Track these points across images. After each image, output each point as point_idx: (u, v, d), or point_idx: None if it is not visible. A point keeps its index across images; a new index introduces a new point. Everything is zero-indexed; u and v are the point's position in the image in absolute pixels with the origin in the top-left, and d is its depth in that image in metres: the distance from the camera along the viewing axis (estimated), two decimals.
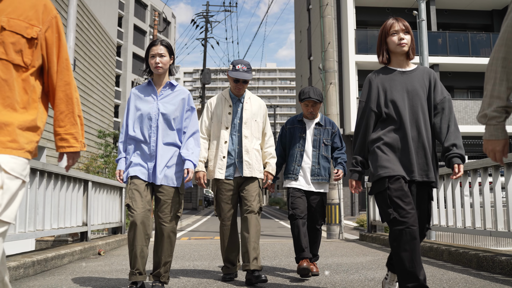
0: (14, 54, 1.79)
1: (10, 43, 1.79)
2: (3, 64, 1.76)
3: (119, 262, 4.63)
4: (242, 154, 3.48)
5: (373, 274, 3.73)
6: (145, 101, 3.09)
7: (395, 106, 2.52)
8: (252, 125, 3.55)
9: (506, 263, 3.63)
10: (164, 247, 3.04)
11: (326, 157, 3.87)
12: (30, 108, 1.84)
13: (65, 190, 4.96)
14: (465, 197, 4.74)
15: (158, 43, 3.08)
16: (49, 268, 4.08)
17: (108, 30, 17.22)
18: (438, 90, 2.58)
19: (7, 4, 1.80)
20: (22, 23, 1.82)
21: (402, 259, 2.30)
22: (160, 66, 3.04)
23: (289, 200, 3.79)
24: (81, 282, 3.44)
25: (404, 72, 2.60)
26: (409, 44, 2.59)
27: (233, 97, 3.60)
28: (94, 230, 6.20)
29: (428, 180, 2.47)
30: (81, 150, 1.99)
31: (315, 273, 3.74)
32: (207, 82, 28.52)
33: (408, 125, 2.49)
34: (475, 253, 4.10)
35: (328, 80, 9.58)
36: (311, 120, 3.92)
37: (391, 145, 2.49)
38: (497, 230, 4.17)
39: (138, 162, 3.01)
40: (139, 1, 39.00)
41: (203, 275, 3.81)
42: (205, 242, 7.30)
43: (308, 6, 23.20)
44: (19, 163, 1.72)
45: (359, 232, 8.60)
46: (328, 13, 9.80)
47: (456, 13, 20.36)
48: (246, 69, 3.51)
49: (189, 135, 3.12)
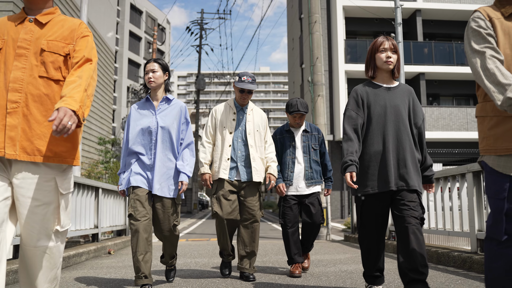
0: (54, 71, 2.03)
1: (50, 62, 2.02)
2: (44, 81, 2.00)
3: (129, 260, 5.29)
4: (249, 161, 3.73)
5: (346, 267, 4.42)
6: (144, 116, 3.29)
7: (377, 120, 2.70)
8: (255, 135, 3.82)
9: (458, 257, 4.35)
10: (169, 248, 3.47)
11: (316, 161, 4.15)
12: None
13: (80, 196, 5.62)
14: (429, 202, 5.46)
15: (152, 61, 3.33)
16: (71, 264, 4.74)
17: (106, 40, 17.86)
18: (417, 110, 2.78)
19: (48, 29, 2.07)
20: (59, 43, 2.05)
21: (366, 258, 2.91)
22: (152, 80, 3.26)
23: (281, 209, 4.10)
24: (102, 274, 4.11)
25: (388, 88, 2.79)
26: (394, 63, 2.77)
27: (237, 106, 3.87)
28: (103, 232, 6.85)
29: (411, 189, 2.65)
30: (78, 114, 1.83)
31: (306, 268, 4.17)
32: (202, 88, 29.18)
33: (390, 138, 2.67)
34: (435, 250, 4.81)
35: (317, 92, 10.29)
36: (298, 128, 4.21)
37: (371, 158, 2.70)
38: (454, 230, 4.90)
39: (139, 171, 3.19)
40: (135, 8, 39.59)
41: (205, 268, 4.47)
42: (203, 243, 7.96)
43: (300, 15, 23.92)
44: (65, 174, 2.05)
45: (344, 234, 9.30)
46: (316, 29, 10.51)
47: (442, 24, 21.19)
48: (251, 80, 3.78)
49: (185, 146, 3.34)
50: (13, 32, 2.02)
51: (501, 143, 1.85)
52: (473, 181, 4.44)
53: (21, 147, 1.93)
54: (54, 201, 1.98)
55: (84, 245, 5.73)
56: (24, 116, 1.95)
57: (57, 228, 1.99)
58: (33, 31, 2.03)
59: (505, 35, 1.90)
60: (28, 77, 1.97)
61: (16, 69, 1.97)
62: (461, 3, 20.08)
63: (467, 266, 4.18)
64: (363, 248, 2.91)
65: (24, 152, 1.93)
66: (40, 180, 1.95)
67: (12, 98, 1.94)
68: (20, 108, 1.95)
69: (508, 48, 1.88)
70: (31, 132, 1.94)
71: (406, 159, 2.65)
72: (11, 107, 1.93)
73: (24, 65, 1.98)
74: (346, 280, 3.64)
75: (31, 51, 2.00)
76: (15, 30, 2.02)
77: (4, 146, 1.92)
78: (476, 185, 4.43)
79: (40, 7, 2.08)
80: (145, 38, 41.57)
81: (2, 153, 1.92)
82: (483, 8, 1.97)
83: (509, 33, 1.89)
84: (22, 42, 2.00)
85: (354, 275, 3.90)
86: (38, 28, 2.04)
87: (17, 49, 1.99)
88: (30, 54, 2.00)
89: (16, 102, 1.94)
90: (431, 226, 5.47)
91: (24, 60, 1.98)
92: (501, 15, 1.94)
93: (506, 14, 1.93)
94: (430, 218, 5.49)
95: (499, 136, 1.86)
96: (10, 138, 1.92)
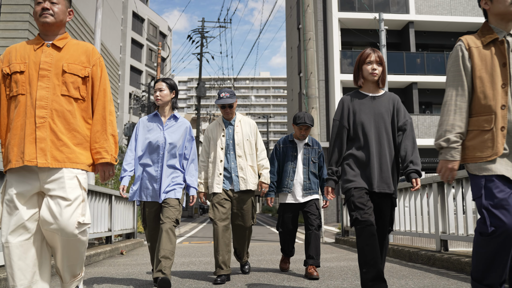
0: (74, 90, 2.32)
1: (70, 82, 2.31)
2: (66, 99, 2.30)
3: (141, 259, 6.01)
4: (237, 171, 3.99)
5: (330, 264, 5.14)
6: (152, 130, 3.60)
7: (362, 127, 2.87)
8: (245, 144, 4.04)
9: (424, 255, 5.08)
10: (163, 240, 3.38)
11: (314, 173, 4.39)
12: (86, 129, 2.37)
13: (97, 202, 6.34)
14: (405, 208, 6.19)
15: (160, 81, 3.66)
16: (91, 262, 5.47)
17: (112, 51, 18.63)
18: (401, 114, 2.93)
19: (65, 53, 2.36)
20: (78, 66, 2.35)
21: (364, 252, 2.69)
22: (159, 98, 3.60)
23: (280, 216, 4.41)
24: (120, 270, 4.83)
25: (374, 97, 2.94)
26: (379, 75, 2.93)
27: (225, 121, 4.12)
28: (115, 235, 7.57)
29: (389, 192, 2.82)
30: (111, 162, 2.29)
31: (315, 277, 3.99)
32: (203, 95, 29.93)
33: (373, 144, 2.84)
34: (408, 249, 5.54)
35: (311, 105, 11.04)
36: (301, 141, 4.45)
37: (357, 161, 2.86)
38: (423, 232, 5.63)
39: (147, 186, 3.54)
40: (137, 16, 40.41)
41: (208, 265, 5.19)
42: (205, 245, 8.68)
43: (298, 25, 24.64)
44: (85, 177, 2.32)
45: (335, 236, 10.02)
46: (310, 46, 11.25)
47: (434, 35, 21.96)
48: (229, 95, 4.00)
49: (190, 162, 3.70)
50: (33, 56, 2.30)
51: (476, 152, 2.19)
52: (438, 190, 5.17)
53: (51, 156, 2.22)
54: (80, 196, 2.26)
55: (100, 246, 6.46)
56: (51, 129, 2.24)
57: (80, 220, 2.22)
58: (52, 54, 2.31)
59: (482, 61, 2.21)
60: (52, 95, 2.26)
61: (41, 89, 2.25)
62: (452, 15, 20.87)
63: (431, 263, 4.91)
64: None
65: (55, 160, 2.22)
66: (66, 180, 2.24)
67: (39, 114, 2.23)
68: (47, 122, 2.23)
69: (484, 72, 2.20)
70: (59, 142, 2.25)
71: (387, 164, 2.83)
72: (39, 122, 2.22)
73: (48, 85, 2.26)
74: (325, 273, 4.36)
75: (52, 72, 2.28)
76: (35, 54, 2.31)
77: (36, 157, 2.19)
78: (440, 193, 5.16)
79: (55, 33, 2.38)
80: (147, 45, 42.36)
81: (34, 162, 2.19)
82: (466, 37, 2.28)
83: (486, 59, 2.20)
84: (44, 64, 2.28)
85: (333, 270, 4.62)
86: (56, 51, 2.34)
87: (40, 70, 2.27)
88: (52, 75, 2.28)
89: (43, 118, 2.23)
90: (406, 229, 6.20)
91: (47, 80, 2.27)
92: (481, 43, 2.24)
93: (484, 43, 2.23)
94: (405, 221, 6.22)
95: (475, 146, 2.19)
96: (41, 149, 2.21)
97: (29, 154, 2.19)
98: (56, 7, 2.34)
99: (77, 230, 2.22)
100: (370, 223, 2.69)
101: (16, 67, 2.28)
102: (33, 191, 2.24)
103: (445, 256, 4.65)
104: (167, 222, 3.44)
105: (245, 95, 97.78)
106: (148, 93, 32.65)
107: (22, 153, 2.20)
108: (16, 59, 2.31)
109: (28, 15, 10.56)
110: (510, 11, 2.18)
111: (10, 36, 10.41)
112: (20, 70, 2.27)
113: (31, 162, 2.19)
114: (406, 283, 3.71)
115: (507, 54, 2.17)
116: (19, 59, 2.30)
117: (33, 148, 2.20)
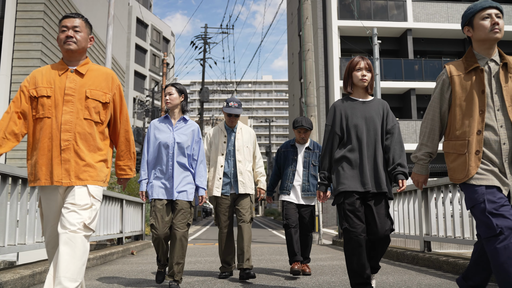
0: (95, 114, 2.46)
1: (92, 107, 2.45)
2: (88, 122, 2.44)
3: (150, 259, 6.54)
4: (237, 175, 4.22)
5: (323, 263, 5.65)
6: (162, 132, 3.76)
7: (355, 130, 2.96)
8: (244, 151, 4.28)
9: (409, 255, 5.59)
10: (176, 248, 3.62)
11: (314, 176, 4.53)
12: (104, 150, 2.51)
13: (110, 206, 6.87)
14: (394, 212, 6.70)
15: (170, 85, 3.84)
16: (106, 261, 6.00)
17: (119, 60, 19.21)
18: (390, 118, 3.03)
19: (87, 79, 2.48)
20: (99, 92, 2.48)
21: (351, 261, 2.82)
22: (169, 101, 3.78)
23: (283, 211, 4.52)
24: (134, 268, 5.35)
25: (364, 102, 3.04)
26: (368, 81, 3.02)
27: (227, 128, 4.34)
28: (126, 236, 8.10)
29: (382, 191, 2.88)
30: (132, 177, 2.73)
31: (308, 273, 4.40)
32: (206, 100, 30.48)
33: (365, 146, 2.93)
34: (395, 250, 6.05)
35: (309, 112, 11.56)
36: (302, 144, 4.63)
37: (350, 163, 2.93)
38: (410, 234, 6.14)
39: (159, 184, 3.68)
40: (141, 21, 41.04)
41: (213, 264, 5.71)
42: (209, 246, 9.20)
43: (299, 32, 25.21)
44: (99, 190, 2.46)
45: (332, 238, 10.53)
46: (309, 57, 11.78)
47: (432, 41, 22.46)
48: (237, 106, 4.23)
49: (199, 163, 3.84)
50: (58, 81, 2.43)
51: (456, 174, 2.34)
52: (422, 196, 5.68)
53: (75, 175, 2.38)
54: (88, 203, 2.38)
55: (112, 247, 6.99)
56: (75, 151, 2.38)
57: (85, 222, 2.32)
58: (76, 80, 2.44)
59: (462, 89, 2.32)
60: (76, 119, 2.40)
61: (66, 113, 2.38)
62: (450, 23, 21.37)
63: (415, 262, 5.42)
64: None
65: (78, 179, 2.39)
66: (76, 188, 2.39)
67: (64, 137, 2.37)
68: (71, 144, 2.38)
69: (463, 100, 2.32)
70: (82, 163, 2.40)
71: (380, 165, 2.92)
72: (64, 144, 2.36)
73: (72, 109, 2.39)
74: (317, 270, 4.87)
75: (76, 97, 2.41)
76: (60, 80, 2.43)
77: (61, 178, 2.37)
78: (424, 199, 5.67)
79: (78, 59, 2.52)
80: (150, 51, 42.98)
81: (60, 183, 2.36)
82: (450, 65, 2.41)
83: (466, 87, 2.31)
84: (68, 90, 2.40)
85: (325, 267, 5.13)
86: (79, 77, 2.46)
87: (65, 96, 2.39)
88: (75, 100, 2.41)
89: (68, 140, 2.37)
90: (395, 231, 6.70)
91: (71, 105, 2.40)
92: (464, 70, 2.35)
93: (466, 70, 2.34)
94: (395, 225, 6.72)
95: (455, 169, 2.34)
96: (66, 170, 2.37)
97: (57, 175, 2.38)
98: (78, 35, 2.47)
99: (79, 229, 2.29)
100: (359, 234, 2.79)
101: (43, 91, 2.41)
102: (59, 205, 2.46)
103: (426, 256, 5.16)
104: (179, 230, 3.62)
105: (248, 99, 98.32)
106: (152, 98, 33.25)
107: (51, 173, 2.38)
108: (43, 83, 2.43)
109: (42, 29, 11.13)
110: (490, 38, 2.31)
111: (24, 49, 10.97)
112: (47, 95, 2.40)
113: (58, 183, 2.39)
114: (386, 278, 4.22)
115: (485, 82, 2.29)
116: (46, 83, 2.43)
117: (60, 169, 2.37)
